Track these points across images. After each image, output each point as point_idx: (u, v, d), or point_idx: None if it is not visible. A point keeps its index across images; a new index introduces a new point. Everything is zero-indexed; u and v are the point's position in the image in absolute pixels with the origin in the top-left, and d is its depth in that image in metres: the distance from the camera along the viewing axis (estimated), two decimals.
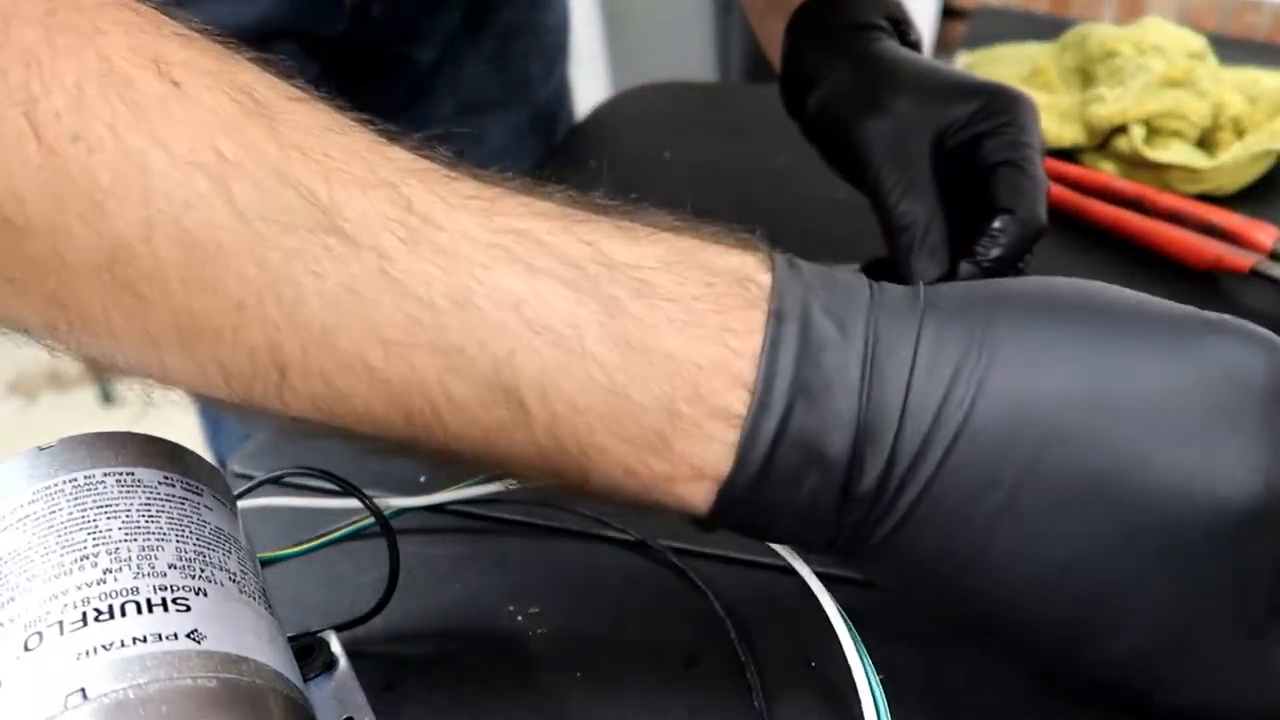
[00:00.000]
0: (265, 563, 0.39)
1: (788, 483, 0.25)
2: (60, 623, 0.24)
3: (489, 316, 0.25)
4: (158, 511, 0.28)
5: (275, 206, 0.24)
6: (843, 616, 0.32)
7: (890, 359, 0.25)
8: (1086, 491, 0.24)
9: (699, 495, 0.26)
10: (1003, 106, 0.47)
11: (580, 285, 0.25)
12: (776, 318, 0.25)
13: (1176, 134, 0.67)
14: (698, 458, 0.26)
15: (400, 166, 0.26)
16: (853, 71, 0.51)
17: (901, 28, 0.54)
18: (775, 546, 0.34)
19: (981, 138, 0.47)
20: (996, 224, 0.46)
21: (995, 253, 0.46)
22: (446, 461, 0.28)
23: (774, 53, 0.60)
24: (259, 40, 0.55)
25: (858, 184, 0.51)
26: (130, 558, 0.26)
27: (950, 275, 0.46)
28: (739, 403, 0.25)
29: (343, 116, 0.27)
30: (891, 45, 0.52)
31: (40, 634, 0.24)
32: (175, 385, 0.28)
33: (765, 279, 0.26)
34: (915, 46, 0.54)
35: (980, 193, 0.47)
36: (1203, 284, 0.58)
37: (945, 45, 2.10)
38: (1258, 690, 0.26)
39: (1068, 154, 0.72)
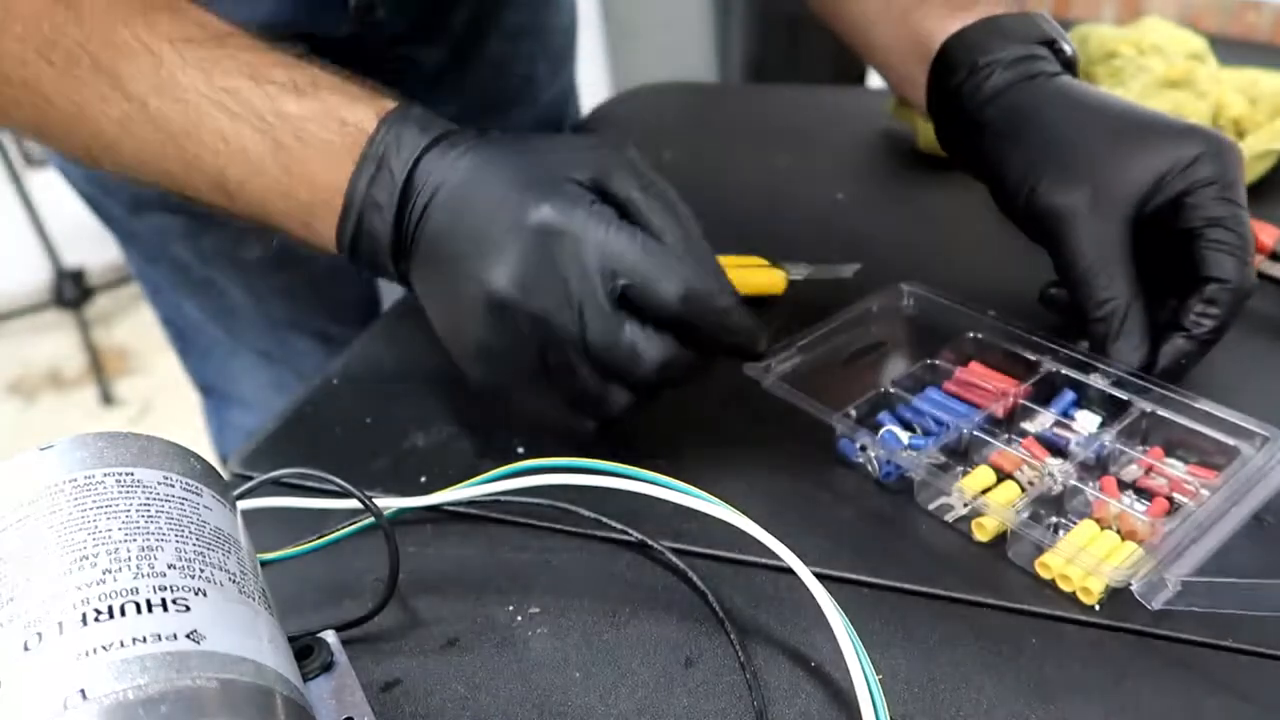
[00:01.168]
0: (265, 563, 0.39)
1: (370, 252, 0.43)
2: (60, 623, 0.24)
3: (208, 144, 0.42)
4: (157, 512, 0.28)
5: (77, 66, 0.42)
6: (842, 617, 0.32)
7: (417, 180, 0.41)
8: (448, 269, 0.41)
9: (335, 251, 0.44)
10: (1207, 159, 0.45)
11: (263, 129, 0.42)
12: (364, 157, 0.42)
13: None
14: (328, 232, 0.43)
15: (162, 36, 0.42)
16: (1037, 131, 0.48)
17: (1057, 49, 0.52)
18: (775, 548, 0.34)
19: (1185, 195, 0.45)
20: (1209, 293, 0.44)
21: (1209, 325, 0.44)
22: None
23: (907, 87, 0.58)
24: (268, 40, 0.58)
25: (1033, 236, 0.49)
26: (130, 558, 0.26)
27: (1152, 352, 0.45)
28: (340, 206, 0.42)
29: (142, 3, 0.43)
30: (1068, 83, 0.50)
31: (40, 634, 0.24)
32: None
33: (371, 126, 0.42)
34: (1071, 65, 0.52)
35: (1183, 251, 0.45)
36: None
37: None
38: (548, 410, 0.43)
39: None
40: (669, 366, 0.40)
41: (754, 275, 0.58)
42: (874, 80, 2.10)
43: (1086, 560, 0.37)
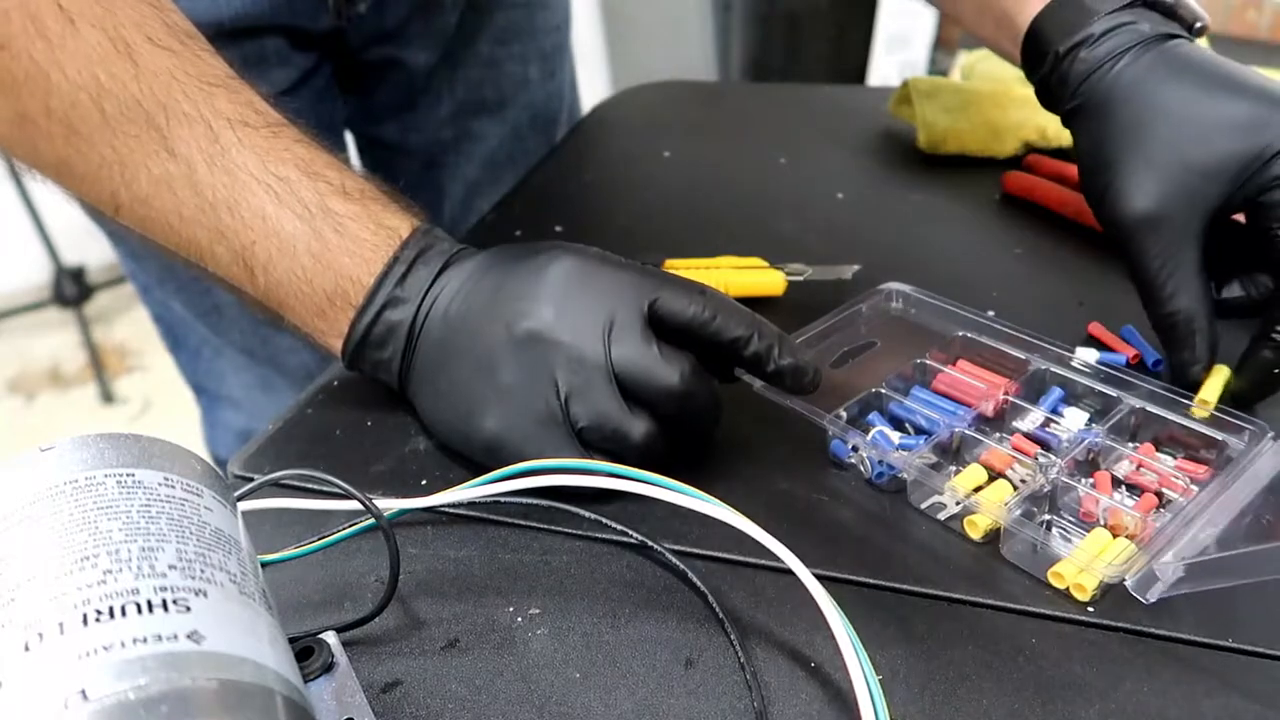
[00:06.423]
0: (266, 564, 0.39)
1: (378, 345, 0.45)
2: (61, 623, 0.24)
3: (245, 220, 0.44)
4: (158, 513, 0.28)
5: (130, 120, 0.42)
6: (842, 617, 0.32)
7: (432, 292, 0.45)
8: (453, 356, 0.44)
9: (340, 347, 0.46)
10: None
11: (305, 218, 0.44)
12: (394, 259, 0.45)
13: None
14: (340, 325, 0.45)
15: (220, 114, 0.44)
16: (1116, 123, 0.48)
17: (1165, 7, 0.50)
18: (775, 548, 0.34)
19: (1265, 192, 0.44)
20: None
21: None
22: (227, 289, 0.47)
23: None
24: (245, 34, 0.60)
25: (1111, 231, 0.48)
26: (130, 559, 0.26)
27: (1213, 354, 0.46)
28: (359, 298, 0.45)
29: (196, 66, 0.44)
30: (1154, 58, 0.48)
31: (41, 634, 0.24)
32: (62, 193, 0.46)
33: (406, 235, 0.46)
34: (1173, 11, 0.50)
35: (1256, 244, 0.45)
36: None
37: (945, 44, 2.10)
38: (562, 454, 0.41)
39: (1068, 154, 0.73)
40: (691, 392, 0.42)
41: (753, 277, 0.58)
42: (874, 79, 2.10)
43: (1084, 560, 0.37)
